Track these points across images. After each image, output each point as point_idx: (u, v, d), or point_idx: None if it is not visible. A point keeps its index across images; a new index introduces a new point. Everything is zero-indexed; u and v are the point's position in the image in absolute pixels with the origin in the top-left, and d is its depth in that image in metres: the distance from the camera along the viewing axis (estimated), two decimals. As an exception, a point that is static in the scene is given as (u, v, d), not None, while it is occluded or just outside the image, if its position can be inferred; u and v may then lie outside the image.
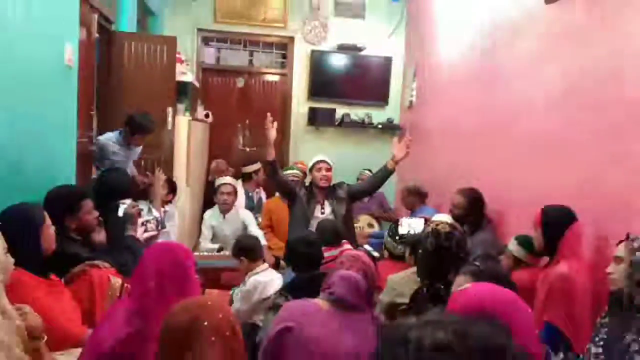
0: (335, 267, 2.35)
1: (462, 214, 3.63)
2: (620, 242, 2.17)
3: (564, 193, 2.90)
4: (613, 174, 2.69)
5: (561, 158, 3.14)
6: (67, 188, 2.77)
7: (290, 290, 2.73)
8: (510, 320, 1.08)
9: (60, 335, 2.17)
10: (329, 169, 4.20)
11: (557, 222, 2.67)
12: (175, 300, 1.64)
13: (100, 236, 2.88)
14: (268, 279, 3.19)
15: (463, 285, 1.40)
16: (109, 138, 3.95)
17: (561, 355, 2.39)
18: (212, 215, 4.61)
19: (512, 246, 3.04)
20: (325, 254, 3.00)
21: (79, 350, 2.04)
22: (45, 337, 2.00)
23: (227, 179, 4.64)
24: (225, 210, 4.53)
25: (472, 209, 3.64)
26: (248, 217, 4.57)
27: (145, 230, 3.26)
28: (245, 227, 4.48)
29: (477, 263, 2.67)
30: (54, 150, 2.86)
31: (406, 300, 2.61)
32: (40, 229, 2.27)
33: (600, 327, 2.18)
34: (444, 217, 3.31)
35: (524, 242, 3.00)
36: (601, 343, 2.11)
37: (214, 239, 4.55)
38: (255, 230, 4.39)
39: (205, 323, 1.19)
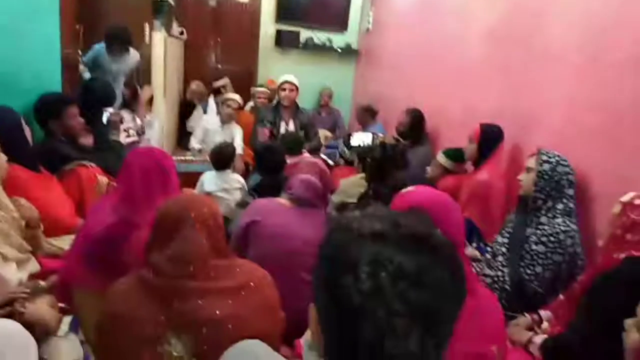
0: (296, 172, 2.38)
1: (405, 131, 3.70)
2: (532, 155, 2.26)
3: (488, 113, 2.97)
4: (527, 97, 2.77)
5: (487, 83, 3.20)
6: (54, 96, 2.64)
7: (257, 190, 2.78)
8: (442, 215, 1.14)
9: (54, 223, 2.17)
10: (292, 90, 4.14)
11: (491, 138, 2.76)
12: (157, 194, 1.65)
13: (87, 140, 2.81)
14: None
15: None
16: (100, 47, 3.74)
17: (474, 244, 2.57)
18: (211, 122, 4.49)
19: (441, 158, 3.13)
20: (288, 161, 3.03)
21: (72, 236, 2.05)
22: (42, 227, 1.99)
23: (235, 96, 4.51)
24: (225, 122, 4.42)
25: (414, 127, 3.71)
26: (239, 133, 4.47)
27: (128, 136, 3.18)
28: (232, 139, 4.40)
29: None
30: (39, 62, 2.67)
31: (354, 200, 2.71)
32: (21, 126, 2.18)
33: (508, 223, 2.34)
34: (388, 134, 3.38)
35: (450, 154, 3.10)
36: (507, 235, 2.27)
37: (203, 140, 4.48)
38: (239, 142, 4.32)
39: (192, 214, 1.23)
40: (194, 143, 4.43)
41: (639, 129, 2.05)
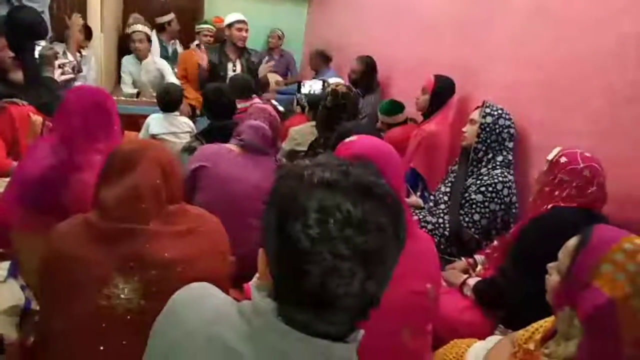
0: (245, 118, 2.35)
1: (357, 78, 3.70)
2: (477, 108, 2.35)
3: (440, 66, 3.02)
4: (477, 51, 2.83)
5: (441, 36, 3.23)
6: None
7: (205, 135, 2.72)
8: (383, 164, 1.18)
9: (-14, 166, 2.05)
10: (247, 30, 4.01)
11: (444, 91, 2.81)
12: (98, 136, 1.60)
13: (17, 75, 2.61)
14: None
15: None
16: None
17: (419, 193, 2.69)
18: (129, 62, 4.27)
19: (379, 116, 3.16)
20: (238, 106, 2.97)
21: (6, 180, 1.95)
22: None
23: (139, 27, 4.22)
24: (140, 57, 4.19)
25: (366, 75, 3.71)
26: (164, 66, 4.28)
27: (62, 73, 2.97)
28: (162, 76, 4.22)
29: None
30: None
31: (304, 148, 2.72)
32: None
33: (451, 173, 2.45)
34: (339, 81, 3.36)
35: (384, 109, 3.14)
36: (449, 184, 2.39)
37: (132, 84, 4.27)
38: (172, 79, 4.15)
39: (149, 153, 1.21)
40: (126, 88, 4.21)
41: (573, 86, 2.17)
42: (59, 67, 2.96)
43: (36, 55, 2.89)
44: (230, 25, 4.02)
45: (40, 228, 1.44)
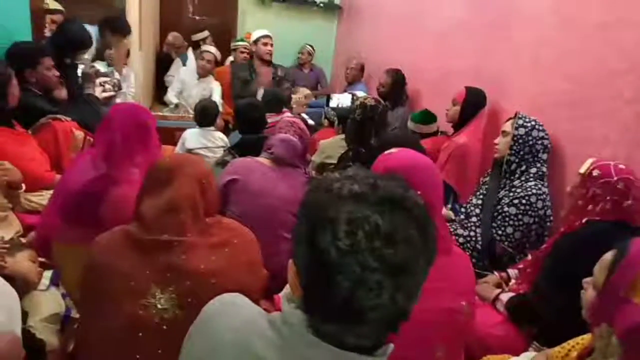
0: (275, 131, 2.39)
1: (386, 91, 3.71)
2: (509, 119, 2.31)
3: (465, 75, 2.99)
4: (503, 60, 2.80)
5: (464, 45, 3.22)
6: (28, 44, 2.56)
7: (237, 149, 2.78)
8: (419, 177, 1.18)
9: (30, 179, 2.15)
10: (272, 44, 4.10)
11: (475, 102, 2.79)
12: (137, 151, 1.66)
13: (61, 93, 2.74)
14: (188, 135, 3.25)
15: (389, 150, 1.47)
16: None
17: (449, 205, 2.65)
18: (188, 73, 4.41)
19: (410, 125, 3.19)
20: (269, 120, 3.02)
21: (49, 192, 2.04)
22: (24, 187, 1.98)
23: (212, 49, 4.41)
24: (201, 74, 4.33)
25: (395, 88, 3.72)
26: (217, 88, 4.40)
27: (104, 90, 3.10)
28: (210, 95, 4.34)
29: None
30: (8, 10, 2.55)
31: (334, 161, 2.74)
32: (8, 85, 2.14)
33: (482, 185, 2.42)
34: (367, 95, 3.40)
35: (417, 118, 3.15)
36: (481, 196, 2.36)
37: (180, 94, 4.41)
38: (217, 99, 4.27)
39: (187, 168, 1.26)
40: (171, 96, 4.35)
41: (601, 93, 2.11)
42: (101, 84, 3.10)
43: (79, 72, 3.04)
44: (256, 41, 4.13)
45: (78, 239, 1.51)
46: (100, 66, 3.46)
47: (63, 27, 3.01)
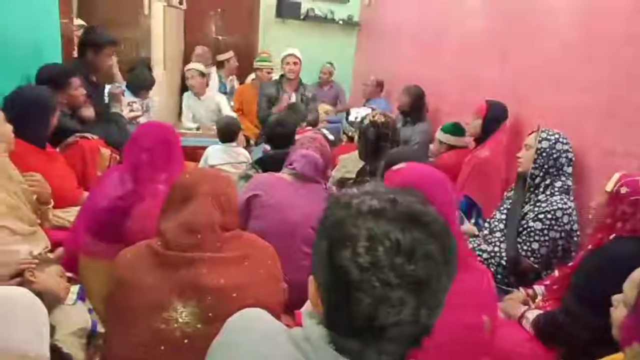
0: (297, 147, 2.40)
1: (406, 110, 3.72)
2: (532, 132, 2.28)
3: (487, 89, 2.97)
4: (524, 73, 2.77)
5: (485, 59, 3.20)
6: (58, 66, 2.66)
7: (260, 164, 2.82)
8: (431, 191, 1.16)
9: (60, 196, 2.20)
10: (296, 62, 4.16)
11: (496, 116, 2.78)
12: (162, 168, 1.70)
13: (88, 112, 2.82)
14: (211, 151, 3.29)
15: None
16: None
17: (473, 220, 2.62)
18: (189, 97, 4.51)
19: (441, 136, 3.18)
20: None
21: (76, 208, 2.09)
22: (52, 203, 2.04)
23: (192, 65, 4.47)
24: (197, 93, 4.42)
25: (414, 105, 3.73)
26: (222, 100, 4.48)
27: (131, 110, 3.20)
28: (219, 110, 4.41)
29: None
30: (39, 30, 2.66)
31: (353, 175, 2.73)
32: (53, 114, 2.26)
33: (506, 199, 2.38)
34: (369, 111, 3.43)
35: (449, 129, 3.13)
36: (505, 211, 2.32)
37: (192, 118, 4.49)
38: (228, 112, 4.33)
39: (205, 186, 1.29)
40: (187, 123, 4.43)
41: (624, 105, 2.07)
42: (128, 104, 3.18)
43: (105, 92, 3.14)
44: (282, 60, 4.21)
45: (103, 254, 1.54)
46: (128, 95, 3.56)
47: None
